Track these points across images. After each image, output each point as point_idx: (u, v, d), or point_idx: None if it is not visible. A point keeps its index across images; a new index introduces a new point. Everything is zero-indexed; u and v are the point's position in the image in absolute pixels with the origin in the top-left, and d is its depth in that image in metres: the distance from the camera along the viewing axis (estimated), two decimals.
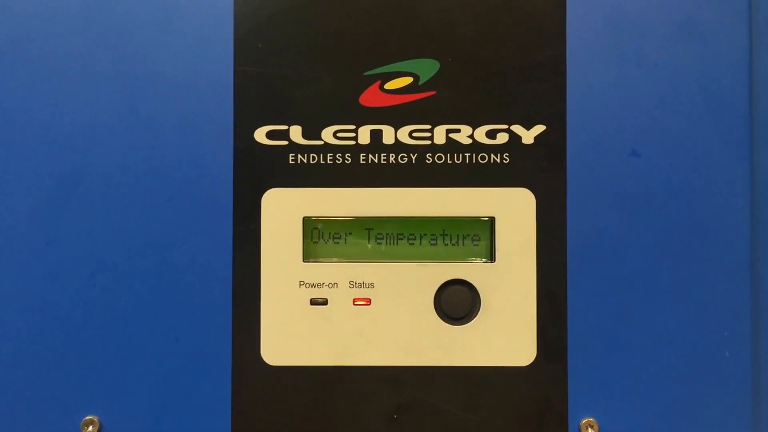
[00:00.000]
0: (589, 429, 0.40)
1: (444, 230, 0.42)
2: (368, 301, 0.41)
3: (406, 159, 0.41)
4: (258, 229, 0.41)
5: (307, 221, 0.41)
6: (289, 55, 0.41)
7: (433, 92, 0.41)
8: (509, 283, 0.41)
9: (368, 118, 0.41)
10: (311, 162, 0.41)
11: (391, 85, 0.41)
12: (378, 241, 0.42)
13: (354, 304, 0.41)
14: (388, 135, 0.41)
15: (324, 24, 0.41)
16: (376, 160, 0.41)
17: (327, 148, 0.41)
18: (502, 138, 0.41)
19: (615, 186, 0.41)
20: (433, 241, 0.42)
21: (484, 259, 0.41)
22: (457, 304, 0.41)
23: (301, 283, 0.41)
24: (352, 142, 0.41)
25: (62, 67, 0.41)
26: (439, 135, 0.41)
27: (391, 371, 0.41)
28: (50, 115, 0.41)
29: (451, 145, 0.41)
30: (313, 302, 0.41)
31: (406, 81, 0.41)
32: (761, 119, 0.41)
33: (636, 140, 0.41)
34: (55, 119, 0.41)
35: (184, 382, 0.40)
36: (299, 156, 0.41)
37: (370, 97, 0.41)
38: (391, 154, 0.41)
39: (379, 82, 0.41)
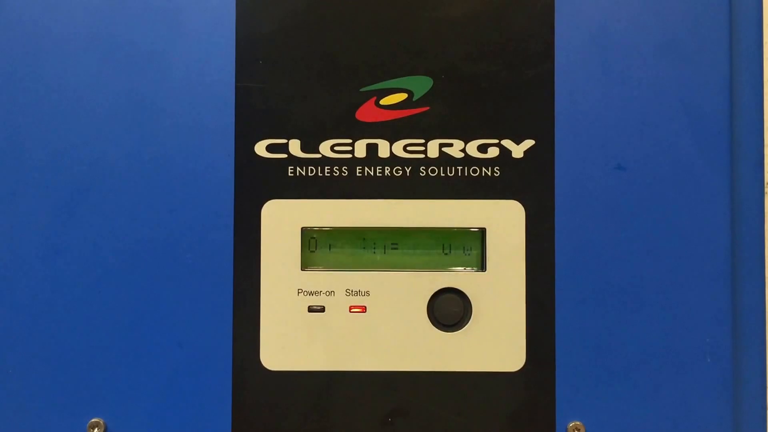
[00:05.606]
0: None
1: (437, 241, 0.43)
2: (364, 309, 0.42)
3: (401, 172, 0.42)
4: (258, 238, 0.42)
5: (305, 231, 0.42)
6: (289, 71, 0.42)
7: (427, 108, 0.42)
8: (499, 292, 0.42)
9: (364, 132, 0.42)
10: (309, 174, 0.42)
11: (386, 100, 0.42)
12: (373, 250, 0.43)
13: (350, 312, 0.42)
14: (384, 149, 0.42)
15: (322, 42, 0.42)
16: (371, 173, 0.42)
17: (325, 161, 0.42)
18: (493, 152, 0.42)
19: (601, 198, 0.42)
20: (427, 251, 0.43)
21: (475, 269, 0.43)
22: (449, 311, 0.42)
23: (300, 290, 0.42)
24: (349, 156, 0.42)
25: (69, 80, 0.42)
26: (433, 149, 0.42)
27: (385, 376, 0.42)
28: (57, 127, 0.42)
29: (444, 159, 0.42)
30: (311, 309, 0.42)
31: (400, 97, 0.42)
32: (740, 135, 0.42)
33: (621, 154, 0.42)
34: (62, 132, 0.42)
35: (186, 386, 0.41)
36: (298, 169, 0.42)
37: (366, 113, 0.42)
38: (386, 167, 0.42)
39: (374, 98, 0.42)
